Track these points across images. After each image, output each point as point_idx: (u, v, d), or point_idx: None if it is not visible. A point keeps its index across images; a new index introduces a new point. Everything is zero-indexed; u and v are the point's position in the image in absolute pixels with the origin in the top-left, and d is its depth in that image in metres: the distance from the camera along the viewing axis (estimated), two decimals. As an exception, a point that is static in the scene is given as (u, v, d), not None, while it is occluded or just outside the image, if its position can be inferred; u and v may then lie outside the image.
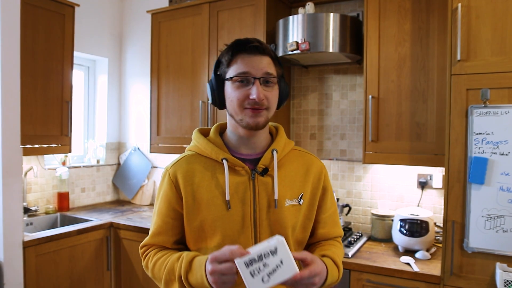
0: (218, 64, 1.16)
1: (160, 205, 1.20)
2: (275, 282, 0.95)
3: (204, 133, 1.25)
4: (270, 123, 1.25)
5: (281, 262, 0.95)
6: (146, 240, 1.22)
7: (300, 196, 1.18)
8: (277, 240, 0.96)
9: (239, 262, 0.94)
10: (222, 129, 1.25)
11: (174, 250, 1.19)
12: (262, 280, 0.94)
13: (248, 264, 0.94)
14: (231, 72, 1.11)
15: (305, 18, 2.35)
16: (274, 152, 1.16)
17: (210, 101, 1.21)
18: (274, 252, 0.95)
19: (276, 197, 1.13)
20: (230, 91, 1.11)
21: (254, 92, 1.07)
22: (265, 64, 1.10)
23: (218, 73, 1.15)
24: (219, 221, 1.12)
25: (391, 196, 2.59)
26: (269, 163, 1.16)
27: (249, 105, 1.08)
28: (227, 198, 1.11)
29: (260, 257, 0.95)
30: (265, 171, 1.15)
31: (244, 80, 1.09)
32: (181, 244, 1.22)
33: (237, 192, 1.13)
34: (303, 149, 1.30)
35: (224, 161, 1.14)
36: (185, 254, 1.10)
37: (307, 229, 1.22)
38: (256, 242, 1.13)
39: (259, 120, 1.10)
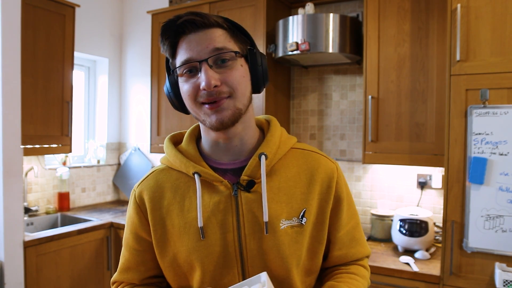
0: (167, 62, 0.91)
1: (127, 233, 0.97)
2: None
3: (177, 140, 0.99)
4: (260, 116, 0.99)
5: None
6: (115, 275, 1.00)
7: (301, 213, 0.89)
8: (260, 283, 0.62)
9: None
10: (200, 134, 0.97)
11: (145, 287, 0.97)
12: None
13: None
14: (177, 65, 0.86)
15: (305, 19, 2.36)
16: (262, 158, 0.87)
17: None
18: None
19: (265, 218, 0.85)
20: (181, 88, 0.86)
21: (202, 78, 0.80)
22: (211, 39, 0.82)
23: (171, 72, 0.90)
24: (194, 253, 0.87)
25: (390, 196, 2.59)
26: (257, 172, 0.88)
27: (202, 98, 0.82)
28: (200, 224, 0.86)
29: None
30: (251, 185, 0.87)
31: (191, 69, 0.83)
32: (161, 278, 0.99)
33: (215, 215, 0.87)
34: (309, 146, 0.98)
35: (196, 176, 0.88)
36: None
37: (317, 254, 0.93)
38: (244, 278, 0.87)
39: (223, 115, 0.82)
